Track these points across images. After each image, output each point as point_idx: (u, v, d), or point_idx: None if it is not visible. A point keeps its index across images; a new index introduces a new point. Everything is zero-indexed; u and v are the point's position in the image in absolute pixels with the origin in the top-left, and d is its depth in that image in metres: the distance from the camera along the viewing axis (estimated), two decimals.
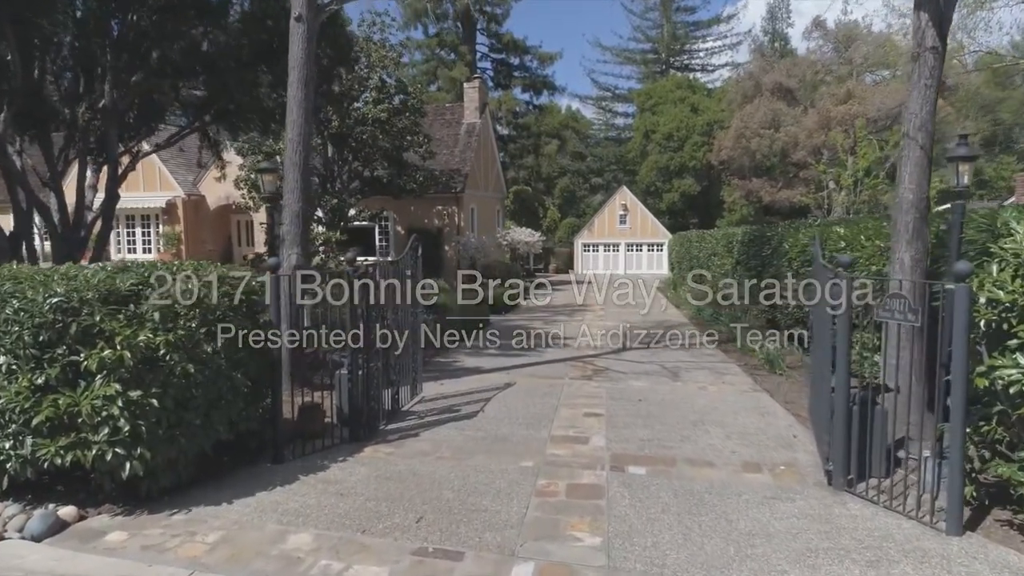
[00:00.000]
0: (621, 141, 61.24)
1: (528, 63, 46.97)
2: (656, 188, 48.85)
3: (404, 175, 23.65)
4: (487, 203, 31.10)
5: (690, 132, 46.44)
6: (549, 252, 44.52)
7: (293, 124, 8.59)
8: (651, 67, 60.81)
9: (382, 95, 22.03)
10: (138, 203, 28.55)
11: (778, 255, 14.23)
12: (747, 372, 11.24)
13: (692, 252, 29.09)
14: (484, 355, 12.94)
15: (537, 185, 48.12)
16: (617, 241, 43.80)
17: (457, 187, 26.88)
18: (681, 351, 13.52)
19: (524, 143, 47.00)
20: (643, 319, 18.94)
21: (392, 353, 8.12)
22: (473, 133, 29.03)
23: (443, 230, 27.40)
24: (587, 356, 12.71)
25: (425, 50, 45.73)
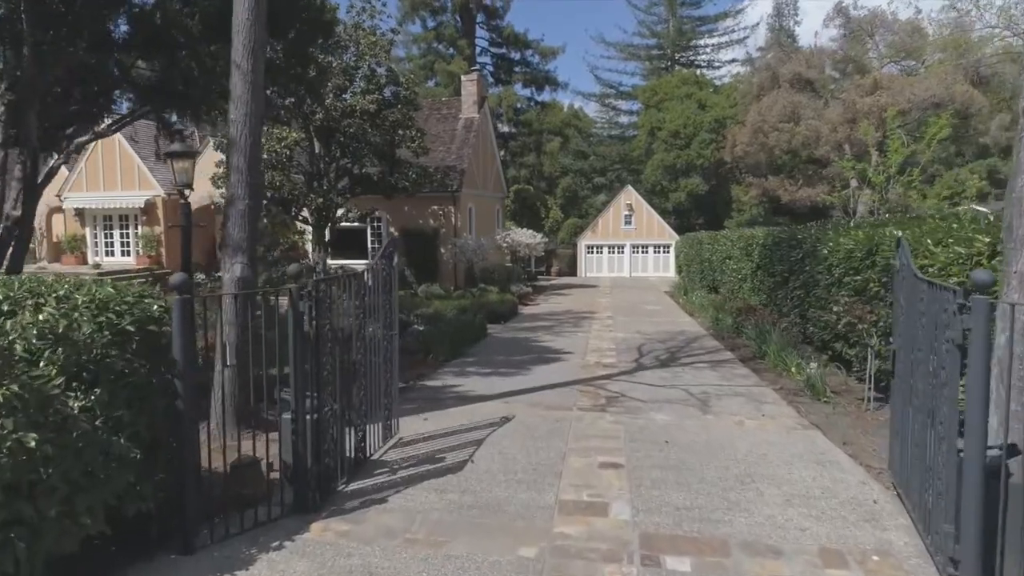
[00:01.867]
0: (625, 139, 59.54)
1: (529, 58, 45.33)
2: (662, 187, 47.15)
3: (396, 172, 21.97)
4: (486, 203, 29.43)
5: (697, 129, 44.72)
6: (551, 254, 42.84)
7: (238, 101, 6.91)
8: (656, 63, 59.11)
9: (371, 85, 20.36)
10: (115, 202, 26.93)
11: (814, 260, 12.52)
12: (786, 399, 9.54)
13: (703, 255, 27.37)
14: (480, 375, 11.24)
15: (539, 184, 46.39)
16: (622, 242, 42.12)
17: (453, 186, 25.22)
18: (704, 370, 11.82)
19: (525, 140, 45.28)
20: (655, 329, 17.25)
21: (356, 388, 6.44)
22: (471, 129, 27.37)
23: (439, 231, 25.75)
24: (597, 378, 11.01)
25: (422, 44, 44.06)
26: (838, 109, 27.98)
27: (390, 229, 26.43)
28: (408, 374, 11.26)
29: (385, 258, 7.17)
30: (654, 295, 27.69)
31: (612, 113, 63.03)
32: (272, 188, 19.89)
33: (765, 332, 13.28)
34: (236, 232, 6.94)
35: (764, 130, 30.63)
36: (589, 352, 13.71)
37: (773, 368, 11.75)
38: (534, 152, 46.00)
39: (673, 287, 29.65)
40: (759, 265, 18.14)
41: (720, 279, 22.98)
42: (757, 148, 32.23)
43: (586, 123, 59.13)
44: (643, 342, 15.09)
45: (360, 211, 23.53)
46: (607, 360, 12.74)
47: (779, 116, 29.68)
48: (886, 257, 9.46)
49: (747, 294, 18.85)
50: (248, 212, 6.98)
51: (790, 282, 14.55)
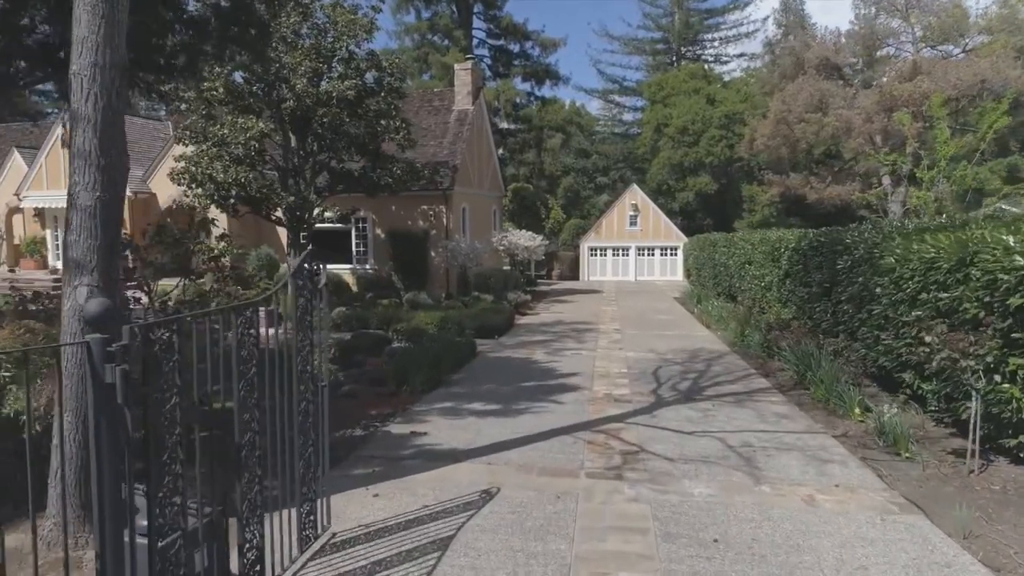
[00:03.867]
0: (629, 137, 57.28)
1: (529, 50, 43.00)
2: (668, 187, 44.85)
3: (379, 168, 19.73)
4: (482, 202, 27.20)
5: (706, 125, 42.43)
6: (552, 256, 40.57)
7: (83, 44, 4.65)
8: (662, 58, 56.83)
9: (350, 70, 18.12)
10: None
11: (871, 270, 10.27)
12: (856, 454, 7.31)
13: (717, 258, 25.12)
14: (460, 416, 8.99)
15: (539, 183, 44.10)
16: (627, 244, 39.83)
17: (445, 183, 22.99)
18: (738, 405, 9.57)
19: (525, 137, 43.00)
20: (670, 345, 15.00)
21: (246, 482, 4.21)
22: (465, 121, 25.15)
23: (429, 233, 23.53)
24: (608, 420, 8.75)
25: (415, 35, 41.75)
26: (873, 97, 25.53)
27: (376, 230, 24.22)
28: (371, 415, 9.04)
29: (303, 275, 4.93)
30: (664, 302, 25.44)
31: (615, 110, 60.79)
32: (237, 186, 17.66)
33: (808, 356, 11.03)
34: (82, 241, 4.69)
35: (789, 121, 28.19)
36: (596, 378, 11.46)
37: (823, 403, 9.52)
38: (534, 149, 43.70)
39: (684, 293, 27.39)
40: (788, 272, 15.92)
41: (738, 286, 20.72)
42: (779, 142, 29.79)
43: (588, 120, 56.87)
44: (659, 364, 12.84)
45: (341, 210, 21.31)
46: (619, 391, 10.48)
47: (805, 105, 27.21)
48: (989, 270, 7.22)
49: (773, 305, 16.61)
50: (100, 211, 4.74)
51: (832, 294, 12.32)
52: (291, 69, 17.24)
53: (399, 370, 10.76)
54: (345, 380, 10.70)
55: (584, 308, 23.13)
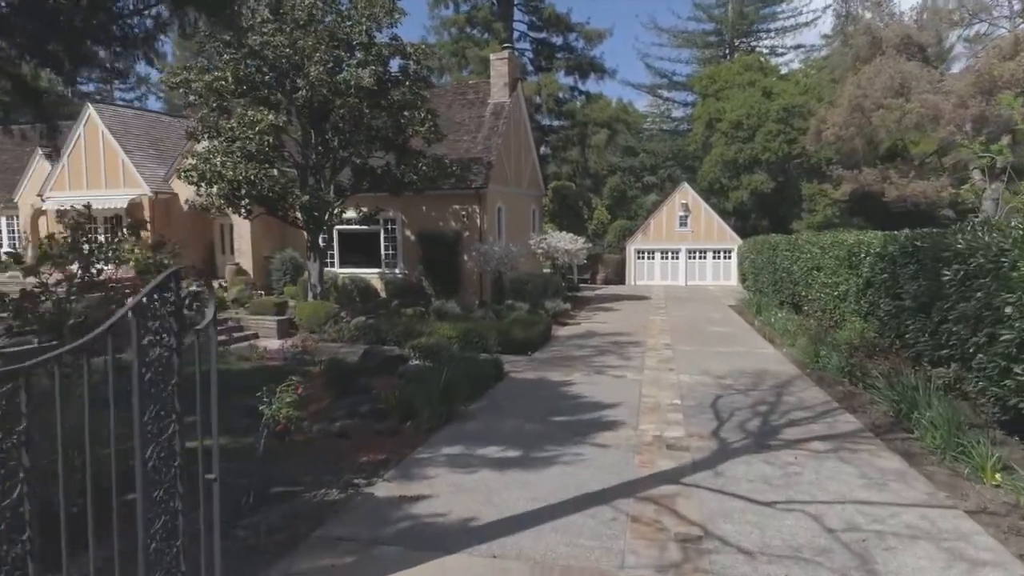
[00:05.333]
0: (679, 134, 54.64)
1: (573, 42, 40.83)
2: (721, 185, 42.23)
3: (402, 164, 18.07)
4: (519, 202, 25.34)
5: (763, 119, 39.72)
6: (597, 259, 38.45)
7: None
8: (714, 50, 54.06)
9: (369, 56, 16.47)
10: (99, 203, 23.67)
11: (994, 283, 8.06)
12: (1011, 548, 5.19)
13: (778, 263, 22.71)
14: (471, 463, 7.13)
15: (583, 182, 41.96)
16: (676, 246, 37.49)
17: (478, 181, 21.19)
18: (828, 456, 7.47)
19: (568, 133, 40.91)
20: (730, 366, 12.86)
21: None
22: (501, 115, 23.33)
23: (462, 235, 21.76)
24: (659, 478, 6.76)
25: (453, 29, 40.09)
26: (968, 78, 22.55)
27: (405, 232, 22.58)
28: (359, 463, 7.24)
29: (162, 310, 3.13)
30: (718, 311, 23.16)
31: (664, 105, 58.17)
32: (248, 184, 16.17)
33: (910, 390, 8.82)
34: None
35: (865, 108, 25.33)
36: (643, 412, 9.45)
37: (938, 455, 7.35)
38: (578, 146, 41.57)
39: (740, 301, 25.04)
40: (870, 281, 13.62)
41: (804, 295, 18.35)
42: (853, 132, 26.89)
43: (636, 117, 54.44)
44: (718, 391, 10.76)
45: (367, 210, 19.72)
46: (671, 432, 8.47)
47: (884, 90, 24.30)
48: None
49: (849, 319, 14.31)
50: None
51: (934, 311, 10.05)
52: (306, 55, 15.68)
53: (404, 401, 8.95)
54: (341, 413, 8.95)
55: (630, 317, 21.04)
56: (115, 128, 23.84)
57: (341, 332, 16.09)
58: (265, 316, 17.14)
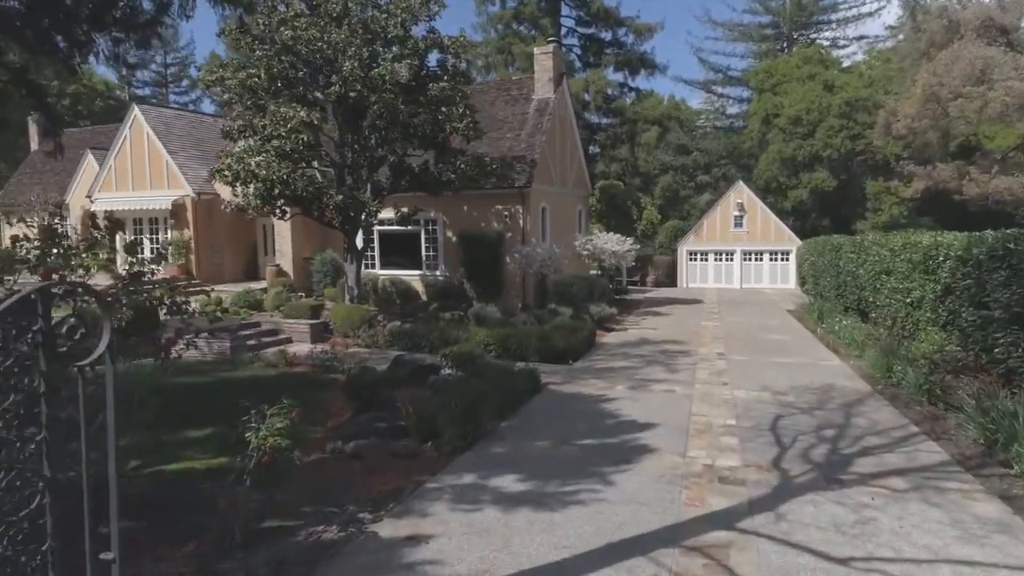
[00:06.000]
0: (734, 131, 52.75)
1: (622, 37, 39.55)
2: (778, 184, 40.36)
3: (441, 162, 17.37)
4: (564, 201, 24.39)
5: (824, 114, 37.75)
6: (647, 261, 37.15)
7: None
8: (770, 44, 51.99)
9: (405, 50, 15.80)
10: (143, 204, 23.82)
11: None
12: None
13: (841, 266, 21.20)
14: (491, 496, 6.29)
15: (632, 181, 40.61)
16: (731, 248, 35.90)
17: (521, 180, 20.34)
18: (910, 495, 6.37)
19: (617, 131, 39.66)
20: (791, 380, 11.69)
21: None
22: (545, 111, 22.42)
23: (504, 236, 20.92)
24: (710, 521, 5.79)
25: (499, 26, 39.27)
26: None
27: (447, 233, 21.89)
28: (371, 492, 6.48)
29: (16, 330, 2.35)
30: (776, 317, 21.76)
31: (719, 102, 56.30)
32: (281, 183, 15.68)
33: (1009, 418, 7.60)
34: None
35: (941, 98, 23.37)
36: (692, 435, 8.45)
37: None
38: (627, 144, 40.26)
39: (799, 306, 23.56)
40: (950, 288, 12.26)
41: (871, 301, 16.89)
42: (927, 124, 24.89)
43: (688, 115, 52.77)
44: (778, 411, 9.65)
45: (405, 210, 19.09)
46: (725, 460, 7.45)
47: (963, 77, 22.31)
48: None
49: (925, 328, 12.94)
50: None
51: None
52: (339, 50, 15.10)
53: (426, 418, 8.16)
54: (358, 429, 8.21)
55: (680, 323, 19.86)
56: (159, 129, 23.85)
57: (375, 337, 15.47)
58: (300, 319, 16.66)
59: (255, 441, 5.03)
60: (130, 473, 7.05)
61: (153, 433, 8.53)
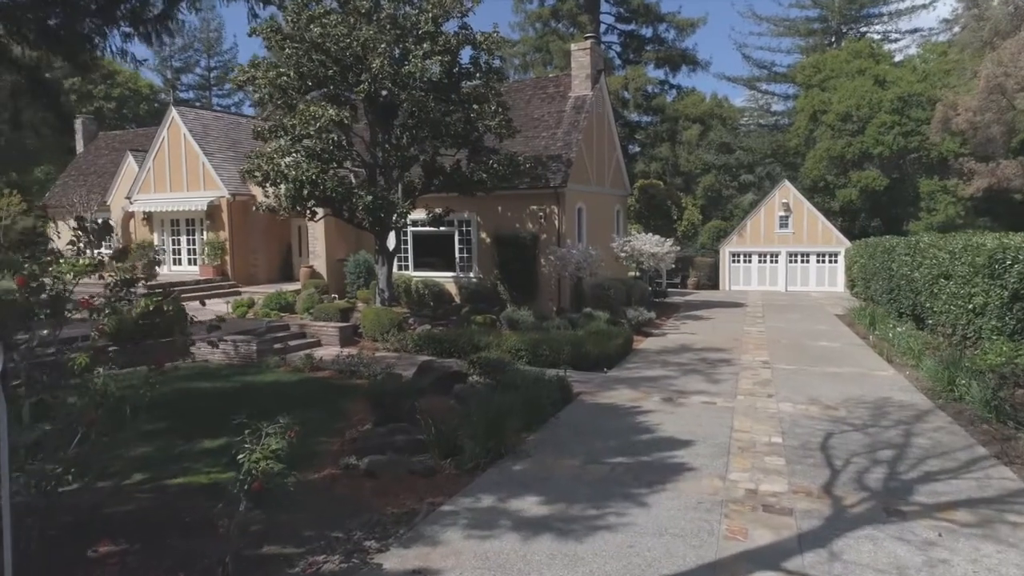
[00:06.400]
0: (779, 129, 51.18)
1: (663, 33, 38.61)
2: (826, 183, 38.92)
3: (472, 161, 16.93)
4: (601, 202, 23.72)
5: (874, 110, 36.24)
6: (688, 262, 36.17)
7: None
8: (818, 38, 50.31)
9: (436, 46, 15.38)
10: (181, 205, 23.93)
11: None
12: None
13: (895, 269, 20.13)
14: (511, 521, 5.76)
15: (673, 180, 39.59)
16: (775, 249, 34.69)
17: (557, 180, 19.76)
18: (987, 533, 5.62)
19: (657, 129, 38.70)
20: (843, 393, 10.89)
21: None
22: (582, 109, 21.80)
23: (539, 238, 20.37)
24: (752, 560, 5.17)
25: (537, 24, 38.67)
26: None
27: (480, 234, 21.44)
28: (382, 514, 6.02)
29: None
30: (823, 322, 20.75)
31: (763, 99, 54.75)
32: (310, 184, 15.41)
33: None
34: None
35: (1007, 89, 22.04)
36: (734, 454, 7.79)
37: None
38: (668, 142, 39.27)
39: (849, 311, 22.46)
40: (1018, 294, 11.38)
41: (928, 306, 15.87)
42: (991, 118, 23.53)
43: (731, 112, 51.38)
44: (828, 427, 8.91)
45: (437, 210, 18.70)
46: (769, 486, 6.79)
47: None
48: None
49: (989, 336, 12.00)
50: None
51: None
52: (369, 47, 14.76)
53: (447, 432, 7.67)
54: (374, 443, 7.77)
55: (722, 328, 19.04)
56: (196, 131, 23.95)
57: (404, 341, 15.08)
58: (328, 322, 16.38)
59: (247, 464, 4.58)
60: (130, 488, 6.72)
61: (165, 443, 8.25)
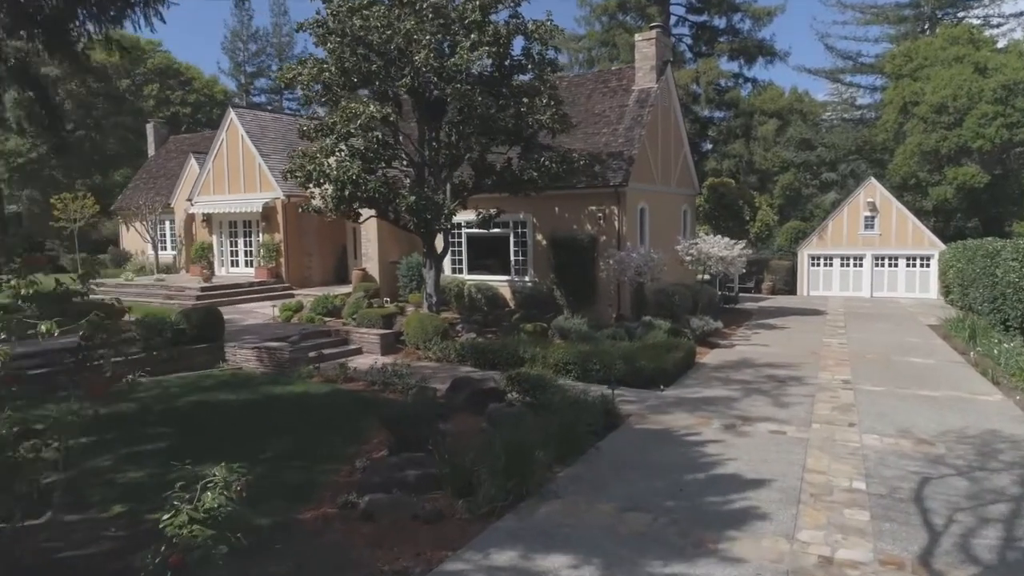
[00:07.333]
0: (864, 123, 47.98)
1: (737, 24, 36.42)
2: (917, 180, 35.99)
3: (523, 159, 15.91)
4: (666, 202, 22.24)
5: (974, 100, 33.18)
6: (763, 266, 34.06)
7: None
8: (909, 25, 46.80)
9: (484, 37, 14.41)
10: (237, 206, 23.87)
11: None
12: None
13: (999, 275, 18.01)
14: None
15: (747, 178, 37.40)
16: (860, 252, 32.20)
17: (617, 178, 18.49)
18: None
19: (731, 125, 36.57)
20: (941, 423, 9.30)
21: None
22: (646, 103, 20.43)
23: (597, 240, 19.14)
24: None
25: (604, 18, 37.18)
26: None
27: (536, 236, 20.38)
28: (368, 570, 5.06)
29: None
30: (915, 333, 18.69)
31: (847, 92, 51.46)
32: (352, 183, 14.73)
33: None
34: None
35: None
36: (805, 503, 6.47)
37: None
38: (742, 139, 37.11)
39: (945, 320, 20.24)
40: None
41: None
42: None
43: (812, 107, 48.43)
44: (924, 469, 7.43)
45: (490, 211, 17.78)
46: (849, 551, 5.47)
47: None
48: None
49: None
50: None
51: None
52: (412, 39, 13.94)
53: (462, 468, 6.66)
54: (379, 479, 6.82)
55: (798, 339, 17.34)
56: (253, 132, 23.84)
57: (447, 350, 14.19)
58: (371, 329, 15.67)
59: (170, 529, 3.68)
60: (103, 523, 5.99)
61: (161, 466, 7.54)
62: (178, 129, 40.57)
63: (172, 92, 46.84)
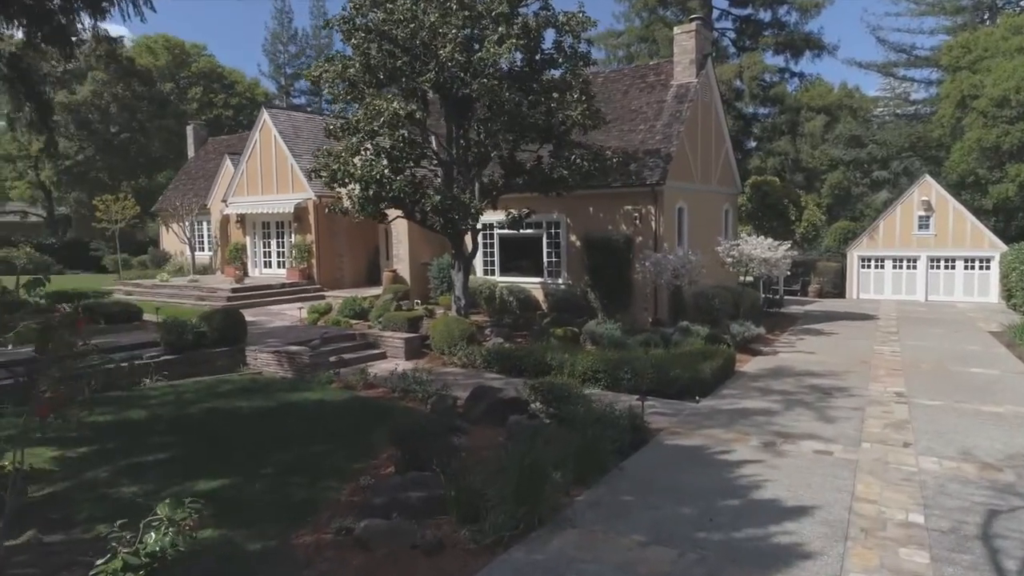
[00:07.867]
0: (919, 118, 45.91)
1: (783, 17, 35.02)
2: (976, 178, 34.14)
3: (554, 157, 15.30)
4: (706, 201, 21.33)
5: None
6: (810, 267, 32.69)
7: None
8: (968, 16, 44.62)
9: (512, 30, 13.84)
10: (270, 207, 23.79)
11: None
12: None
13: None
14: None
15: (794, 177, 36.02)
16: (914, 253, 30.64)
17: (654, 176, 17.72)
18: None
19: (776, 121, 35.22)
20: (1009, 444, 8.40)
21: None
22: (685, 98, 19.59)
23: (633, 241, 18.41)
24: None
25: (644, 13, 36.24)
26: None
27: (570, 237, 19.74)
28: None
29: None
30: (975, 341, 17.45)
31: (901, 87, 49.35)
32: (376, 183, 14.33)
33: None
34: None
35: None
36: (854, 539, 5.72)
37: None
38: (787, 136, 35.73)
39: (1008, 327, 18.90)
40: None
41: None
42: None
43: (863, 103, 46.53)
44: (991, 502, 6.59)
45: (522, 211, 17.21)
46: None
47: None
48: None
49: None
50: None
51: None
52: (438, 32, 13.46)
53: (469, 490, 6.09)
54: (382, 500, 6.30)
55: (846, 346, 16.31)
56: (286, 132, 23.74)
57: (472, 356, 13.66)
58: (396, 332, 15.23)
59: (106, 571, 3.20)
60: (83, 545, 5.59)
61: (159, 480, 7.17)
62: (220, 131, 40.99)
63: (215, 95, 47.50)
